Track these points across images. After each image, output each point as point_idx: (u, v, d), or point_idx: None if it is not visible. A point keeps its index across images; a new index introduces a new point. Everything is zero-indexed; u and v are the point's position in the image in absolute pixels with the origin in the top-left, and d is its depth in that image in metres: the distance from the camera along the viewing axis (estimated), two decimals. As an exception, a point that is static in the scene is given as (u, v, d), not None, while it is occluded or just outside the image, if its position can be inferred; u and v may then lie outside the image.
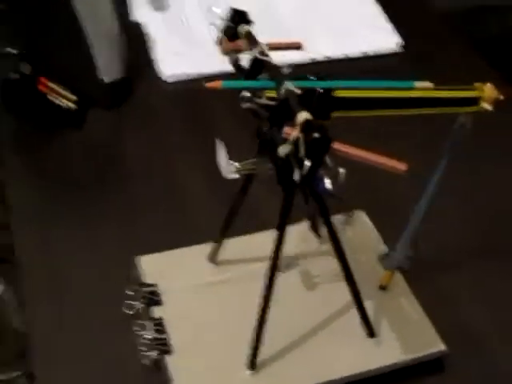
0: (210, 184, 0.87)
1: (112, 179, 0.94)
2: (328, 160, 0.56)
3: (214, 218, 0.77)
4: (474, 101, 0.68)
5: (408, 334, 0.75)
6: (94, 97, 1.01)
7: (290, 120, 0.57)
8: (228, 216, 0.76)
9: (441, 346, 0.74)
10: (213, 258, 0.81)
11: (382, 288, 0.79)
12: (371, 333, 0.74)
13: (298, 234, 0.82)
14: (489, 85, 0.68)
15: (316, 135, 0.55)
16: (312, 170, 0.55)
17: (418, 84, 0.66)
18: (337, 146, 0.58)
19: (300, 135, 0.55)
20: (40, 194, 0.92)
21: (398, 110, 0.65)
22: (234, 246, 0.81)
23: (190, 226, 0.86)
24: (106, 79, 1.01)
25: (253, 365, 0.70)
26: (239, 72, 0.65)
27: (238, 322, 0.73)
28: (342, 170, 0.56)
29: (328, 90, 0.62)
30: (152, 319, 0.76)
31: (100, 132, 1.01)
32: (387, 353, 0.73)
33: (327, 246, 0.81)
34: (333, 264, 0.73)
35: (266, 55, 0.63)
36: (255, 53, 0.63)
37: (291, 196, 0.64)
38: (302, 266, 0.82)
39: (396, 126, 0.86)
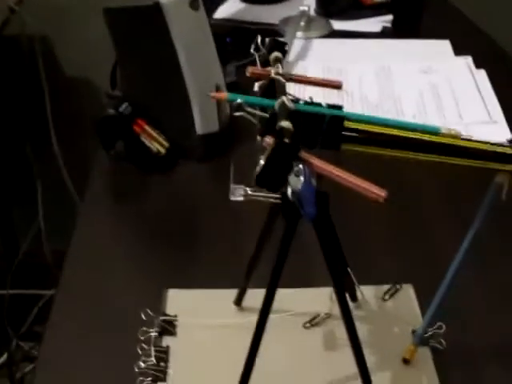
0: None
1: (184, 224, 0.96)
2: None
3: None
4: (509, 158, 0.62)
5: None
6: (186, 147, 1.04)
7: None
8: (250, 261, 0.74)
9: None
10: (238, 302, 0.79)
11: (406, 361, 0.73)
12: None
13: (331, 295, 0.77)
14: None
15: (286, 140, 0.53)
16: (270, 173, 0.53)
17: (445, 130, 0.62)
18: (314, 161, 0.55)
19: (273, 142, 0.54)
20: (108, 227, 0.96)
21: (417, 153, 0.61)
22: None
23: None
24: (201, 132, 1.03)
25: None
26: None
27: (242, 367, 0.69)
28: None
29: (338, 119, 0.59)
30: (158, 347, 0.74)
31: (185, 181, 1.03)
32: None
33: (360, 312, 0.77)
34: (360, 329, 0.67)
35: (283, 76, 0.62)
36: (273, 73, 0.63)
37: (292, 229, 0.61)
38: (328, 327, 0.77)
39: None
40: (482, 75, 1.23)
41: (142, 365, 0.73)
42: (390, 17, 1.43)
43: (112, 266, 0.88)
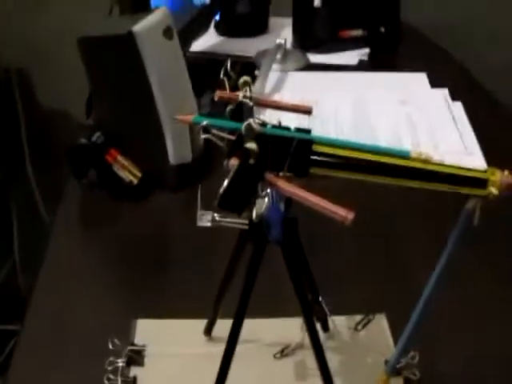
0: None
1: (155, 252, 0.95)
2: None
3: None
4: (480, 183, 0.61)
5: None
6: (159, 177, 1.03)
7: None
8: (220, 289, 0.73)
9: None
10: (208, 332, 0.78)
11: (378, 393, 0.71)
12: None
13: (302, 325, 0.76)
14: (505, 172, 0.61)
15: (250, 161, 0.52)
16: (233, 194, 0.52)
17: (415, 153, 0.62)
18: (279, 183, 0.54)
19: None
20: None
21: (387, 177, 0.60)
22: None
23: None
24: (174, 162, 1.02)
25: None
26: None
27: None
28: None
29: (307, 142, 0.59)
30: (125, 377, 0.73)
31: (158, 210, 1.01)
32: None
33: (332, 342, 0.76)
34: (332, 360, 0.66)
35: (250, 99, 0.62)
36: (240, 96, 0.62)
37: (260, 253, 0.60)
38: (299, 357, 0.76)
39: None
40: (458, 107, 1.23)
41: (109, 396, 0.71)
42: (366, 50, 1.43)
43: (81, 295, 0.86)
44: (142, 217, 1.01)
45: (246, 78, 0.66)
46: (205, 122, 0.57)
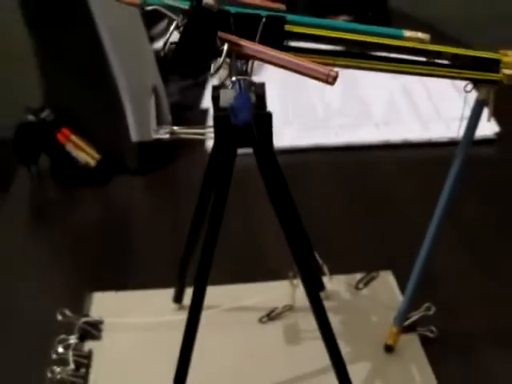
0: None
1: (115, 240, 0.87)
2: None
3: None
4: (492, 65, 0.56)
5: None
6: (120, 158, 0.97)
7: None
8: (185, 251, 0.67)
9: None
10: (178, 299, 0.71)
11: (388, 349, 0.64)
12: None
13: (291, 280, 0.69)
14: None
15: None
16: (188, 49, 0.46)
17: (410, 33, 0.57)
18: (244, 43, 0.49)
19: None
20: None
21: (373, 62, 0.56)
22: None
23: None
24: (136, 139, 0.96)
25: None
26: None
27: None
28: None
29: (278, 20, 0.53)
30: (79, 351, 0.65)
31: (119, 196, 0.95)
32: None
33: (330, 303, 0.70)
34: (332, 322, 0.59)
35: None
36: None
37: (229, 160, 0.54)
38: (289, 320, 0.69)
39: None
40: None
41: (58, 371, 0.63)
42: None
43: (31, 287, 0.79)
44: (101, 205, 0.94)
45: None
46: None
